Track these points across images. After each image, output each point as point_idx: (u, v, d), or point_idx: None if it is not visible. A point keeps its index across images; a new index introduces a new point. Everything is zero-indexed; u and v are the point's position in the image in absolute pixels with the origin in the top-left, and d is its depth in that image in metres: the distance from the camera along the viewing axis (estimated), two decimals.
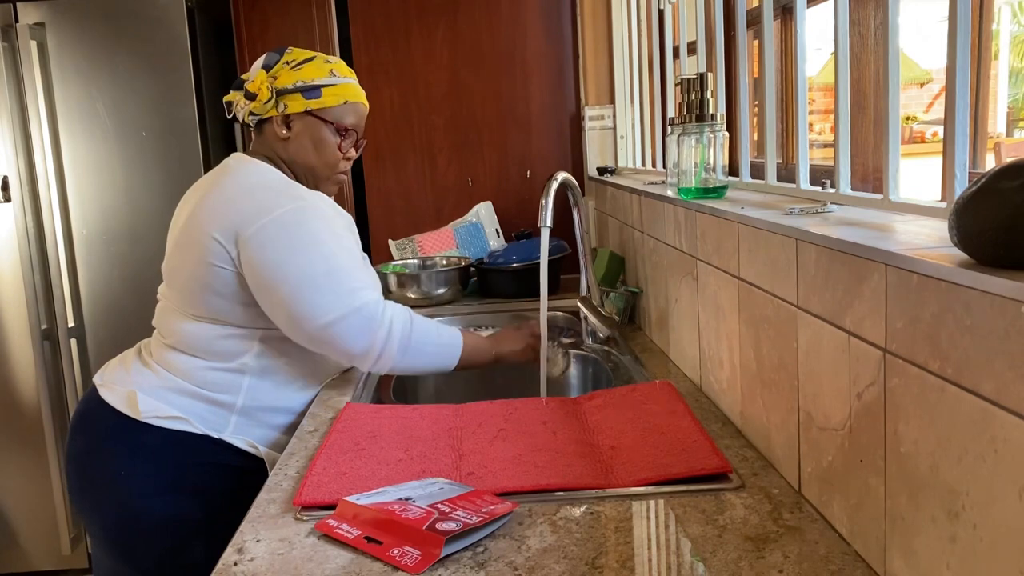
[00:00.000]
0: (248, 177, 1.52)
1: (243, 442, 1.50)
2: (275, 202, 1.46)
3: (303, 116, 1.55)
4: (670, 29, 2.15)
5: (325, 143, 1.57)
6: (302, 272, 1.42)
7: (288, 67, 1.54)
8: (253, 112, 1.55)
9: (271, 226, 1.43)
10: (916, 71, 5.12)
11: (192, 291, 1.48)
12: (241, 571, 0.97)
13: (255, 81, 1.54)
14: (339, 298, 1.43)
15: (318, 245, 1.45)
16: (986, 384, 0.66)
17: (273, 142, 1.57)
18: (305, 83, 1.54)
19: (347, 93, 1.58)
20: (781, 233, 1.06)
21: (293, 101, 1.54)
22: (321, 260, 1.44)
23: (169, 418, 1.45)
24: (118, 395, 1.47)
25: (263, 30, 2.86)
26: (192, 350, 1.49)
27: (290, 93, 1.54)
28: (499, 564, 0.94)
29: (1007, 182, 0.64)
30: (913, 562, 0.79)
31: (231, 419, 1.49)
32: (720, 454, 1.17)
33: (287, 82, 1.54)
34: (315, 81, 1.55)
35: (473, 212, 2.81)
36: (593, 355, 1.88)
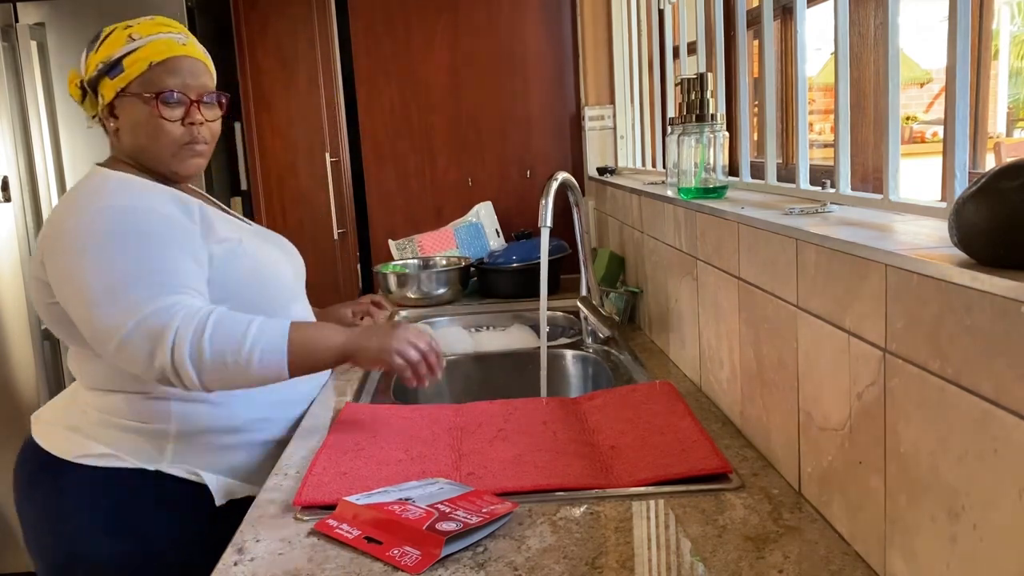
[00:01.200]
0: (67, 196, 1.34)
1: (184, 471, 1.31)
2: (67, 213, 1.28)
3: (120, 99, 1.32)
4: (670, 29, 2.15)
5: (148, 121, 1.32)
6: (84, 287, 1.21)
7: (92, 52, 1.33)
8: (93, 116, 1.37)
9: (56, 241, 1.26)
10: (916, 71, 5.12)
11: (63, 329, 1.33)
12: (241, 571, 0.97)
13: (70, 82, 1.36)
14: (120, 313, 1.17)
15: (101, 254, 1.21)
16: (986, 384, 0.66)
17: (112, 139, 1.38)
18: (105, 62, 1.30)
19: (151, 53, 1.30)
20: (781, 233, 1.06)
21: (104, 87, 1.31)
22: (101, 273, 1.20)
23: (97, 456, 1.29)
24: (47, 434, 1.34)
25: (263, 30, 2.86)
26: (104, 384, 1.32)
27: (98, 80, 1.32)
28: (499, 564, 0.94)
29: (1007, 182, 0.64)
30: (913, 562, 0.79)
31: (167, 448, 1.31)
32: (720, 454, 1.17)
33: (91, 69, 1.32)
34: (114, 55, 1.30)
35: (473, 212, 2.81)
36: (593, 355, 1.88)
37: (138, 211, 1.27)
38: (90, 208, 1.26)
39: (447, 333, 2.17)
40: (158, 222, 1.26)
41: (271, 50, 2.87)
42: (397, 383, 1.78)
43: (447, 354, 1.95)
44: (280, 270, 1.45)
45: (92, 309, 1.19)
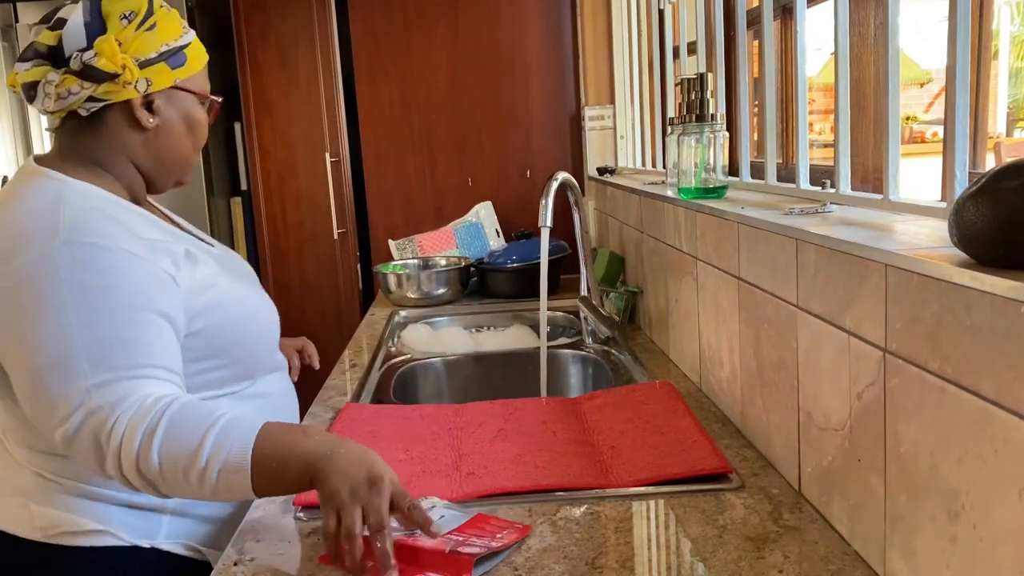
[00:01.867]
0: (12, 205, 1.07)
1: (181, 547, 1.12)
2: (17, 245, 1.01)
3: (167, 92, 1.13)
4: (670, 29, 2.15)
5: (198, 122, 1.19)
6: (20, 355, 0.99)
7: (132, 25, 1.07)
8: (100, 98, 1.08)
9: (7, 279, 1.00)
10: (916, 71, 5.12)
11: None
12: (241, 571, 0.97)
13: (103, 54, 1.05)
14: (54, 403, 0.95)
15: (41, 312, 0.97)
16: (986, 384, 0.66)
17: (125, 137, 1.13)
18: (169, 46, 1.11)
19: (203, 51, 1.18)
20: (781, 233, 1.06)
21: (159, 75, 1.11)
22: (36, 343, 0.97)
23: (86, 533, 1.06)
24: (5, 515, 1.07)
25: (263, 30, 2.86)
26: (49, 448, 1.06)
27: (154, 63, 1.10)
28: (499, 564, 0.94)
29: (1007, 182, 0.65)
30: (913, 562, 0.79)
31: (163, 521, 1.11)
32: (720, 454, 1.17)
33: (147, 49, 1.09)
34: (177, 42, 1.13)
35: (473, 212, 2.81)
36: (593, 355, 1.88)
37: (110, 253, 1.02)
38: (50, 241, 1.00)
39: (447, 333, 2.17)
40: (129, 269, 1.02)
41: (271, 50, 2.87)
42: (397, 383, 1.78)
43: (447, 354, 1.95)
44: (261, 315, 1.24)
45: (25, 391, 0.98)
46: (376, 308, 2.49)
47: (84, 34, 1.06)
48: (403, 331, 2.18)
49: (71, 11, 1.07)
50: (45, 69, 1.07)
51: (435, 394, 1.92)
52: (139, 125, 1.12)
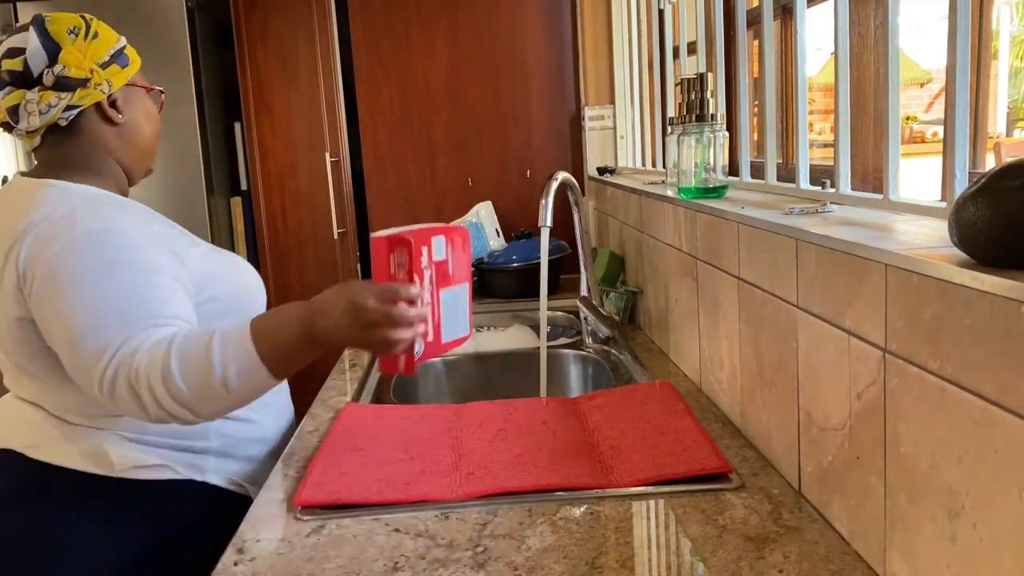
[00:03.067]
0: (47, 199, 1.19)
1: (226, 481, 1.29)
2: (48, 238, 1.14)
3: (123, 90, 1.27)
4: (670, 29, 2.15)
5: (152, 113, 1.34)
6: (60, 330, 1.12)
7: (78, 38, 1.22)
8: (75, 105, 1.21)
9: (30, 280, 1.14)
10: (916, 71, 5.11)
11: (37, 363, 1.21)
12: (241, 571, 0.97)
13: (71, 65, 1.19)
14: (90, 364, 1.08)
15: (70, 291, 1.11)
16: (986, 384, 0.66)
17: (102, 134, 1.26)
18: (114, 49, 1.26)
19: (135, 51, 1.32)
20: (781, 233, 1.06)
21: (115, 75, 1.25)
22: (70, 316, 1.10)
23: (150, 467, 1.22)
24: (71, 453, 1.20)
25: (263, 30, 2.86)
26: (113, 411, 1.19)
27: (108, 66, 1.24)
28: (499, 564, 0.94)
29: (1007, 182, 0.65)
30: (913, 562, 0.79)
31: (209, 460, 1.27)
32: (720, 454, 1.17)
33: (100, 55, 1.23)
34: (117, 46, 1.27)
35: (473, 212, 2.81)
36: (593, 355, 1.88)
37: (123, 234, 1.16)
38: (71, 232, 1.14)
39: None
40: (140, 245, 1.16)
41: (271, 50, 2.87)
42: (397, 383, 1.78)
43: (447, 354, 1.95)
44: (252, 281, 1.38)
45: (68, 352, 1.11)
46: None
47: (45, 54, 1.20)
48: None
49: (22, 40, 1.21)
50: (21, 92, 1.20)
51: (435, 394, 1.92)
52: (111, 122, 1.26)
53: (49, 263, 1.13)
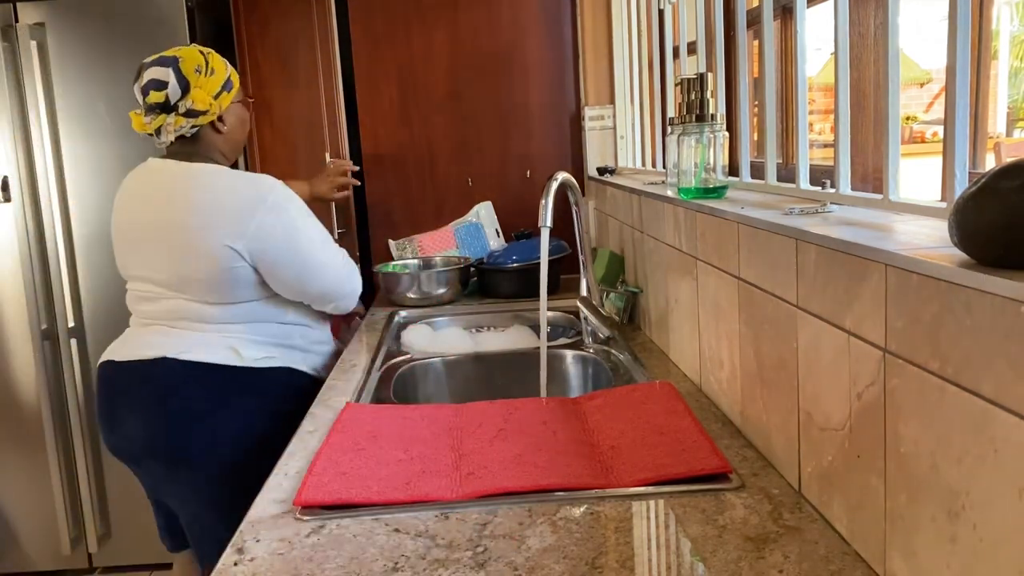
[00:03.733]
0: (220, 178, 1.74)
1: (310, 368, 1.88)
2: (256, 197, 1.71)
3: (230, 107, 1.81)
4: (670, 29, 2.15)
5: (245, 119, 1.89)
6: (309, 244, 1.76)
7: (202, 75, 1.74)
8: (196, 125, 1.76)
9: (266, 218, 1.70)
10: (916, 71, 5.12)
11: (220, 289, 1.72)
12: (241, 571, 0.97)
13: (199, 100, 1.73)
14: (335, 250, 1.84)
15: (304, 220, 1.77)
16: (986, 384, 0.66)
17: (212, 140, 1.80)
18: (224, 80, 1.78)
19: (235, 72, 1.84)
20: (781, 233, 1.06)
21: (223, 100, 1.78)
22: (314, 231, 1.79)
23: (264, 358, 1.78)
24: (215, 354, 1.73)
25: (263, 30, 2.86)
26: (250, 319, 1.78)
27: (220, 95, 1.77)
28: (499, 564, 0.94)
29: (1007, 182, 0.64)
30: (913, 562, 0.79)
31: (296, 355, 1.85)
32: (720, 454, 1.17)
33: (214, 88, 1.75)
34: (226, 74, 1.79)
35: (473, 212, 2.81)
36: (593, 355, 1.88)
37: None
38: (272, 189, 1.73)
39: (447, 333, 2.17)
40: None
41: (271, 50, 2.87)
42: (397, 383, 1.78)
43: (447, 354, 1.95)
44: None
45: (317, 255, 1.78)
46: (376, 308, 2.49)
47: (180, 90, 1.72)
48: (403, 331, 2.18)
49: (164, 75, 1.71)
50: (163, 117, 1.73)
51: (435, 394, 1.92)
52: (218, 132, 1.80)
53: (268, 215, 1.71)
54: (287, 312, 1.82)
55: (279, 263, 1.73)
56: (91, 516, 2.86)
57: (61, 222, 2.76)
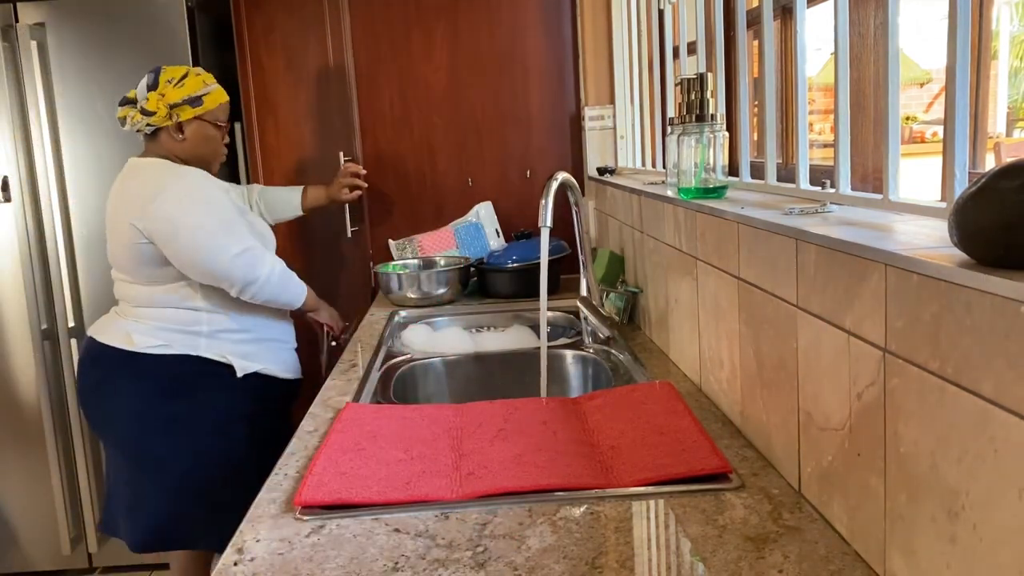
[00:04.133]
0: (143, 172, 1.99)
1: (215, 354, 2.00)
2: (168, 181, 1.93)
3: (191, 121, 2.00)
4: (670, 29, 2.15)
5: (212, 138, 2.05)
6: (197, 226, 1.90)
7: (171, 85, 1.97)
8: (150, 124, 1.97)
9: (164, 201, 1.90)
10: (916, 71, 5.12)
11: (132, 267, 1.96)
12: (241, 571, 0.97)
13: (150, 101, 1.96)
14: (241, 236, 1.95)
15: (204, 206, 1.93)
16: (986, 384, 0.66)
17: (169, 145, 2.01)
18: (190, 95, 1.99)
19: (219, 97, 2.05)
20: (781, 233, 1.06)
21: (183, 111, 1.98)
22: (209, 219, 1.92)
23: (158, 345, 1.95)
24: (115, 337, 1.96)
25: (268, 30, 2.86)
26: (155, 304, 1.97)
27: (179, 106, 1.97)
28: (499, 564, 0.94)
29: (1007, 182, 0.64)
30: (913, 562, 0.79)
31: (201, 341, 1.99)
32: (720, 454, 1.17)
33: (175, 97, 1.97)
34: (197, 92, 2.00)
35: (473, 212, 2.81)
36: (593, 355, 1.88)
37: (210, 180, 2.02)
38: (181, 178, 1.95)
39: (447, 333, 2.17)
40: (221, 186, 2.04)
41: (276, 50, 2.87)
42: (397, 383, 1.78)
43: (447, 354, 1.96)
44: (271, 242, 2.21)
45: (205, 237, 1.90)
46: (376, 308, 2.49)
47: (145, 92, 1.98)
48: (403, 331, 2.18)
49: (147, 76, 1.99)
50: (127, 109, 2.00)
51: (435, 394, 1.92)
52: (175, 139, 2.00)
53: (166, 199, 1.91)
54: (197, 299, 1.98)
55: (171, 242, 1.90)
56: (91, 516, 2.86)
57: (61, 222, 2.76)
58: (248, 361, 2.03)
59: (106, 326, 2.03)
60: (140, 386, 1.95)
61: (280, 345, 2.14)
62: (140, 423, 1.95)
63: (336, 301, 2.46)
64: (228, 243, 1.92)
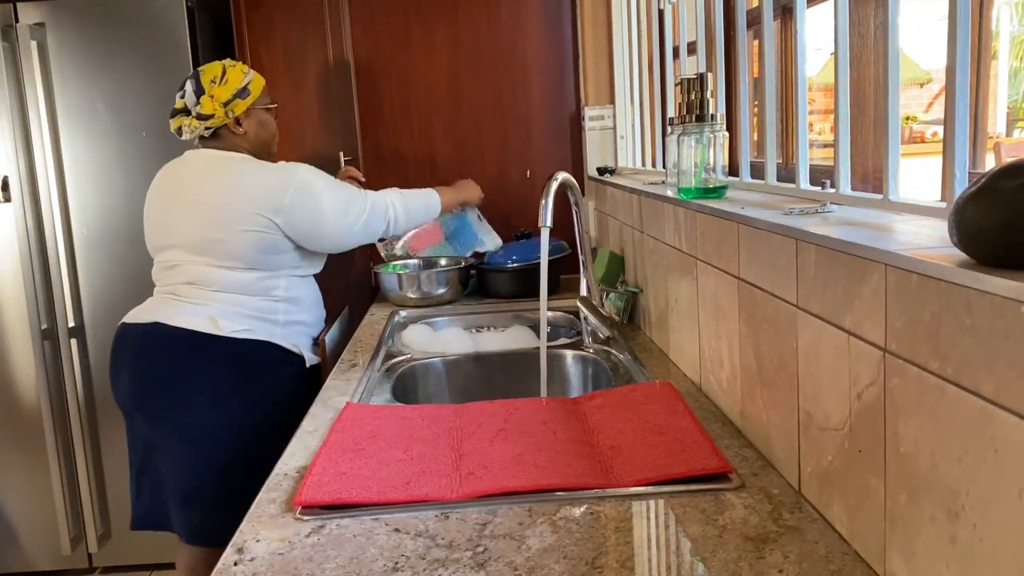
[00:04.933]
0: (249, 163, 2.03)
1: (289, 343, 2.05)
2: (285, 176, 1.99)
3: (247, 113, 2.06)
4: (670, 29, 2.15)
5: (267, 123, 2.13)
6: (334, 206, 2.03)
7: (216, 84, 2.02)
8: (209, 127, 2.03)
9: (297, 191, 1.98)
10: (916, 71, 5.12)
11: (243, 254, 1.97)
12: (241, 571, 0.97)
13: (204, 105, 2.01)
14: (357, 207, 2.08)
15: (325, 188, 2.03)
16: (986, 384, 0.66)
17: (233, 139, 2.06)
18: (237, 88, 2.04)
19: (260, 81, 2.10)
20: (781, 233, 1.06)
21: (236, 106, 2.04)
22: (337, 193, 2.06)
23: (242, 330, 1.98)
24: (196, 322, 1.94)
25: (268, 30, 2.86)
26: (240, 291, 1.99)
27: (231, 101, 2.03)
28: (499, 564, 0.94)
29: (1007, 182, 0.64)
30: (913, 562, 0.79)
31: (277, 330, 2.03)
32: (720, 454, 1.17)
33: (225, 95, 2.02)
34: (242, 84, 2.04)
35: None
36: (593, 355, 1.88)
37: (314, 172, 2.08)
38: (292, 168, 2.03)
39: (447, 333, 2.17)
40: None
41: (276, 49, 2.87)
42: (397, 383, 1.78)
43: (447, 354, 1.96)
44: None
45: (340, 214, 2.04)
46: (376, 308, 2.49)
47: (195, 97, 2.02)
48: (403, 331, 2.18)
49: (188, 83, 2.04)
50: (181, 119, 2.05)
51: (435, 394, 1.92)
52: (237, 133, 2.06)
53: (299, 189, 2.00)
54: (279, 289, 2.03)
55: (311, 233, 2.02)
56: (91, 516, 2.86)
57: (61, 222, 2.76)
58: (311, 353, 2.12)
59: (177, 311, 1.96)
60: (219, 371, 1.94)
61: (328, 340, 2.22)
62: (216, 410, 1.93)
63: (336, 301, 2.46)
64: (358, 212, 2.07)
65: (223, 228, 1.96)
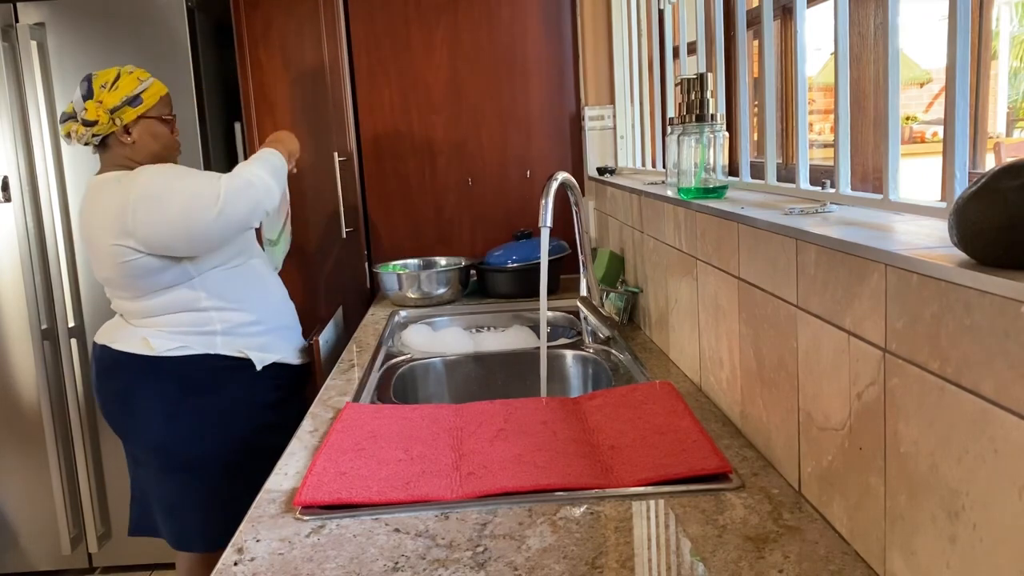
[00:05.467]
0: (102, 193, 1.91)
1: (233, 351, 1.97)
2: (123, 192, 1.85)
3: (136, 122, 1.94)
4: (670, 29, 2.15)
5: (160, 134, 2.00)
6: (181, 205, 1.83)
7: (106, 90, 1.91)
8: (96, 134, 1.92)
9: (137, 205, 1.83)
10: (916, 71, 5.12)
11: (128, 283, 1.90)
12: (241, 571, 0.97)
13: (89, 111, 1.90)
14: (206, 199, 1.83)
15: (168, 190, 1.85)
16: (986, 384, 0.66)
17: (121, 149, 1.96)
18: (127, 96, 1.93)
19: (159, 91, 1.98)
20: (781, 233, 1.06)
21: (125, 113, 1.93)
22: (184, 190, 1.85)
23: (176, 348, 1.93)
24: (133, 343, 1.93)
25: (266, 29, 2.86)
26: (164, 312, 1.93)
27: (119, 108, 1.92)
28: (499, 564, 0.94)
29: (1007, 182, 0.65)
30: (913, 562, 0.79)
31: (217, 339, 1.96)
32: (720, 454, 1.17)
33: (113, 101, 1.91)
34: (134, 91, 1.94)
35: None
36: (593, 355, 1.88)
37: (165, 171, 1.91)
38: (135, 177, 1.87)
39: (447, 333, 2.17)
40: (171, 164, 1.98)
41: (275, 49, 2.87)
42: (397, 383, 1.78)
43: (447, 354, 1.96)
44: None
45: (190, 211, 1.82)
46: (376, 308, 2.49)
47: (82, 102, 1.92)
48: (403, 331, 2.18)
49: (80, 87, 1.93)
50: (70, 124, 1.94)
51: (435, 394, 1.92)
52: (124, 143, 1.95)
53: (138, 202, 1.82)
54: (201, 299, 1.93)
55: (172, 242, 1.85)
56: (91, 516, 2.86)
57: (61, 222, 2.76)
58: (265, 352, 2.01)
59: (118, 332, 1.97)
60: (165, 389, 1.92)
61: (290, 332, 2.12)
62: (169, 426, 1.93)
63: (330, 301, 2.46)
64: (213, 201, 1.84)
65: (103, 266, 1.91)
